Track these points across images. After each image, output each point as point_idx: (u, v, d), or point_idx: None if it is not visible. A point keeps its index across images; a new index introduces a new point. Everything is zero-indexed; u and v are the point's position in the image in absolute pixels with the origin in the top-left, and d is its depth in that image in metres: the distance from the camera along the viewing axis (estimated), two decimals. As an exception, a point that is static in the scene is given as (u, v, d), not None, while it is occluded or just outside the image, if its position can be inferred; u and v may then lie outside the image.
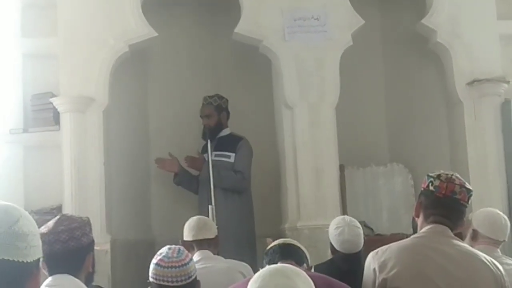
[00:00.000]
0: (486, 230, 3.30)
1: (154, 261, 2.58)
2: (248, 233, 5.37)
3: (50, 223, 2.52)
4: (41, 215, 4.59)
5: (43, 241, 2.48)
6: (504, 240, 3.38)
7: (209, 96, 5.55)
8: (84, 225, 2.56)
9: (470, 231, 3.24)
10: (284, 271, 1.87)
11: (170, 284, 2.51)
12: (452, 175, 2.54)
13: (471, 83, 5.01)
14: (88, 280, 2.54)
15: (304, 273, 1.89)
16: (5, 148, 4.87)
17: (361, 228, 3.56)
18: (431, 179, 2.54)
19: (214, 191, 4.92)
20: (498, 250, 3.30)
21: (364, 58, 5.83)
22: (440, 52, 5.25)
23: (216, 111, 5.52)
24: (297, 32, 5.08)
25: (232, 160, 5.41)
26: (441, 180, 2.51)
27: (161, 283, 2.53)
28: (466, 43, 5.10)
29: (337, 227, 3.50)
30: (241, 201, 5.40)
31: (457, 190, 2.50)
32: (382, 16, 6.00)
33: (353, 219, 3.58)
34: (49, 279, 2.49)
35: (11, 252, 1.40)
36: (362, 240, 3.51)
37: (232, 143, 5.47)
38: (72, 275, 2.46)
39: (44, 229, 2.46)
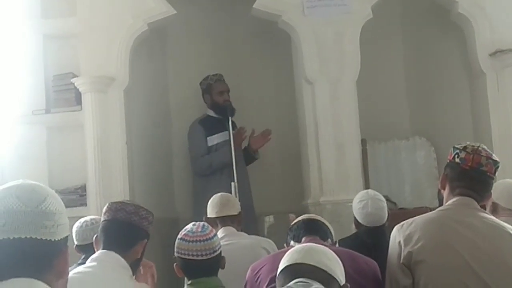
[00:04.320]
0: (505, 202, 3.26)
1: (179, 236, 2.62)
2: (249, 208, 5.21)
3: None
4: (66, 195, 4.65)
5: (109, 208, 2.57)
6: None
7: (219, 74, 5.52)
8: (150, 216, 2.64)
9: (489, 204, 3.21)
10: (327, 253, 1.91)
11: (195, 258, 2.54)
12: (479, 146, 2.50)
13: (493, 54, 4.94)
14: (133, 265, 2.55)
15: (341, 265, 1.92)
16: (28, 129, 4.90)
17: (384, 201, 3.55)
18: (457, 151, 2.51)
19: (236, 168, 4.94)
20: (520, 220, 3.28)
21: (384, 31, 5.77)
22: (462, 23, 5.18)
23: None
24: (316, 6, 5.04)
25: None
26: (467, 152, 2.48)
27: (186, 257, 2.56)
28: (488, 14, 5.02)
29: (361, 201, 3.51)
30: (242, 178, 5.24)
31: (484, 162, 2.47)
32: (402, -12, 5.93)
33: (376, 192, 3.57)
34: (96, 253, 2.54)
35: (39, 230, 1.41)
36: (386, 214, 3.50)
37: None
38: (119, 254, 2.50)
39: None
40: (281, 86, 5.84)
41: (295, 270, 1.86)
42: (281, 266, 1.93)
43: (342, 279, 1.90)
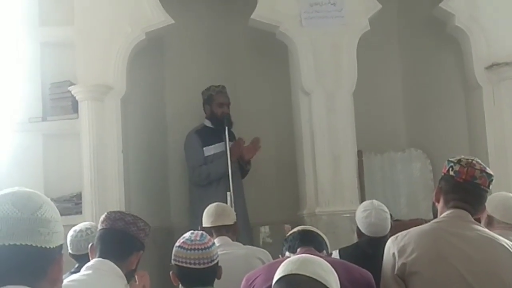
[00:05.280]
0: (500, 215, 3.27)
1: (177, 244, 2.61)
2: (244, 218, 5.23)
3: None
4: (61, 203, 4.64)
5: (107, 217, 2.56)
6: None
7: (222, 86, 5.51)
8: (147, 228, 2.65)
9: (485, 217, 3.22)
10: (322, 265, 1.92)
11: (192, 266, 2.53)
12: (473, 160, 2.53)
13: (490, 67, 4.96)
14: (128, 276, 2.55)
15: (337, 277, 1.92)
16: (24, 136, 4.90)
17: (388, 213, 3.56)
18: (452, 164, 2.53)
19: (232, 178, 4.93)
20: (515, 233, 3.28)
21: (381, 43, 5.80)
22: (458, 36, 5.21)
23: None
24: (314, 17, 5.06)
25: None
26: (461, 165, 2.50)
27: (184, 265, 2.55)
28: (484, 27, 5.05)
29: (365, 210, 3.52)
30: (237, 188, 5.22)
31: (478, 175, 2.48)
32: (399, 1, 5.95)
33: (381, 203, 3.58)
34: (92, 261, 2.53)
35: (34, 238, 1.42)
36: (389, 225, 3.51)
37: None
38: (115, 263, 2.49)
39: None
40: (278, 97, 5.85)
41: (290, 281, 1.86)
42: (276, 277, 1.93)
43: None
